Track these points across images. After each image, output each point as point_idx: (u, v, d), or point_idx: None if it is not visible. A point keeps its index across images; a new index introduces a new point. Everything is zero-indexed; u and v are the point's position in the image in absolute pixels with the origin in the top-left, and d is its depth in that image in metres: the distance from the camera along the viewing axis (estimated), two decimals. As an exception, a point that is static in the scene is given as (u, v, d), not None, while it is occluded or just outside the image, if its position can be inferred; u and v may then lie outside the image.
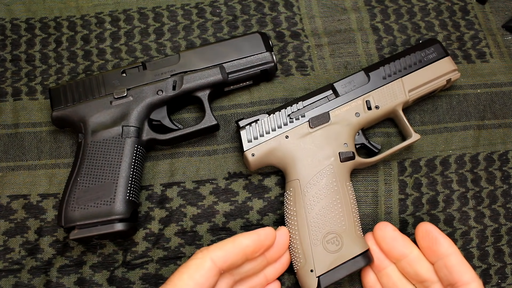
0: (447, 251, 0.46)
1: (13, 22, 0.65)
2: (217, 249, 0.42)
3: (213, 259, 0.42)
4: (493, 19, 0.65)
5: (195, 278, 0.40)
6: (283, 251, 0.48)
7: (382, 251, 0.50)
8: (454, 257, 0.45)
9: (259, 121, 0.55)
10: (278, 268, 0.49)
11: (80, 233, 0.50)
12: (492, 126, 0.60)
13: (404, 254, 0.48)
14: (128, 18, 0.65)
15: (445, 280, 0.46)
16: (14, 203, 0.56)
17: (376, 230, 0.50)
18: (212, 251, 0.42)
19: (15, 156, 0.58)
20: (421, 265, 0.47)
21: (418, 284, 0.48)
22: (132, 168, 0.53)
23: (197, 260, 0.42)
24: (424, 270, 0.47)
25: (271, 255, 0.47)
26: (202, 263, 0.41)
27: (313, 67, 0.62)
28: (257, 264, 0.47)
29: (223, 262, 0.42)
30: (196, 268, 0.41)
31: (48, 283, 0.53)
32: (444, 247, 0.46)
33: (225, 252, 0.42)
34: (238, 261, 0.43)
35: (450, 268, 0.45)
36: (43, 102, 0.61)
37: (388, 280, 0.49)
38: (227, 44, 0.58)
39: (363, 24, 0.65)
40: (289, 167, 0.53)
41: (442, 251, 0.46)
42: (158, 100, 0.56)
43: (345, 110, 0.55)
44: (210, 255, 0.42)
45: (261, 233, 0.44)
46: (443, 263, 0.46)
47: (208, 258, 0.41)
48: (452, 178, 0.58)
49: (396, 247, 0.48)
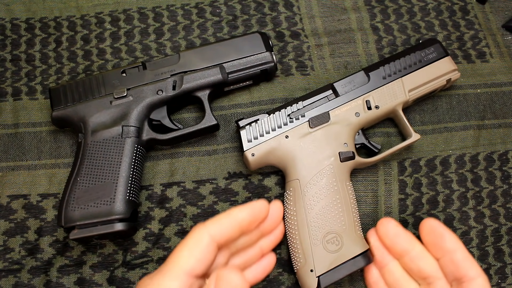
0: (453, 247, 0.46)
1: (13, 22, 0.65)
2: (213, 224, 0.42)
3: (211, 234, 0.41)
4: (493, 19, 0.65)
5: (194, 254, 0.40)
6: (277, 223, 0.47)
7: (385, 247, 0.50)
8: (460, 253, 0.45)
9: (259, 121, 0.55)
10: (273, 240, 0.49)
11: (80, 233, 0.50)
12: (492, 126, 0.60)
13: (407, 250, 0.48)
14: (128, 18, 0.65)
15: (450, 276, 0.46)
16: (14, 203, 0.56)
17: (379, 226, 0.50)
18: (209, 226, 0.41)
19: (15, 156, 0.58)
20: (425, 261, 0.47)
21: (421, 280, 0.48)
22: (132, 168, 0.53)
23: (194, 237, 0.41)
24: (428, 266, 0.47)
25: (265, 227, 0.47)
26: (201, 239, 0.41)
27: (313, 67, 0.62)
28: (252, 237, 0.47)
29: (220, 237, 0.41)
30: (194, 245, 0.40)
31: (48, 283, 0.53)
32: (450, 242, 0.46)
33: (222, 226, 0.42)
34: (234, 234, 0.43)
35: (456, 263, 0.45)
36: (43, 102, 0.61)
37: (390, 276, 0.49)
38: (227, 44, 0.58)
39: (363, 24, 0.65)
40: (289, 167, 0.53)
41: (448, 247, 0.46)
42: (158, 100, 0.56)
43: (345, 110, 0.55)
44: (208, 230, 0.41)
45: (255, 205, 0.44)
46: (449, 258, 0.46)
47: (206, 233, 0.41)
48: (452, 178, 0.58)
49: (399, 242, 0.48)
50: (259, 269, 0.49)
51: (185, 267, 0.39)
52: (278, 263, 0.54)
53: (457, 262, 0.45)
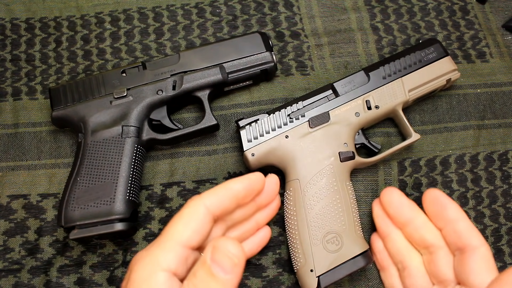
0: (455, 216, 0.46)
1: (13, 22, 0.65)
2: (209, 195, 0.41)
3: (207, 205, 0.41)
4: (493, 19, 0.65)
5: (190, 226, 0.39)
6: (273, 196, 0.48)
7: (388, 217, 0.50)
8: (463, 222, 0.46)
9: (259, 121, 0.55)
10: (269, 213, 0.49)
11: (80, 233, 0.50)
12: (492, 126, 0.60)
13: (411, 219, 0.48)
14: (128, 18, 0.65)
15: (453, 245, 0.46)
16: (14, 203, 0.56)
17: (383, 195, 0.50)
18: (205, 197, 0.41)
19: (15, 156, 0.58)
20: (428, 230, 0.47)
21: (423, 249, 0.48)
22: (132, 168, 0.53)
23: (190, 208, 0.40)
24: (431, 235, 0.47)
25: (261, 200, 0.47)
26: (196, 211, 0.40)
27: (313, 67, 0.62)
28: (248, 210, 0.46)
29: (216, 208, 0.41)
30: (190, 216, 0.40)
31: (48, 283, 0.53)
32: (453, 212, 0.46)
33: (218, 198, 0.41)
34: (230, 206, 0.43)
35: (458, 232, 0.45)
36: (43, 102, 0.61)
37: (393, 245, 0.49)
38: (227, 44, 0.58)
39: (363, 24, 0.65)
40: (289, 167, 0.53)
41: (451, 217, 0.46)
42: (158, 100, 0.56)
43: (345, 110, 0.55)
44: (203, 201, 0.41)
45: (251, 177, 0.44)
46: (452, 228, 0.46)
47: (202, 205, 0.40)
48: (452, 178, 0.58)
49: (403, 212, 0.48)
50: (254, 242, 0.50)
51: (180, 238, 0.39)
52: (278, 263, 0.54)
53: (459, 231, 0.45)
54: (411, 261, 0.49)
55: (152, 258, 0.38)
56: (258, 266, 0.54)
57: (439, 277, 0.47)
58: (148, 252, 0.38)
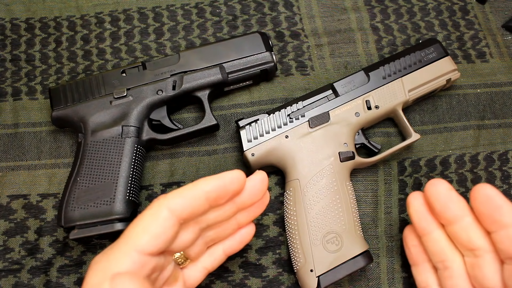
0: (511, 222, 0.39)
1: (13, 22, 0.65)
2: (175, 196, 0.38)
3: (171, 207, 0.37)
4: (493, 19, 0.65)
5: (150, 230, 0.37)
6: (258, 196, 0.42)
7: (431, 212, 0.44)
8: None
9: (259, 121, 0.55)
10: (253, 213, 0.44)
11: (80, 233, 0.50)
12: (492, 126, 0.60)
13: (459, 217, 0.42)
14: (128, 18, 0.65)
15: (505, 253, 0.40)
16: (14, 203, 0.56)
17: (429, 187, 0.44)
18: (170, 198, 0.38)
19: (15, 156, 0.58)
20: (476, 232, 0.42)
21: (467, 251, 0.43)
22: (132, 168, 0.53)
23: (152, 210, 0.37)
24: (479, 237, 0.41)
25: (242, 200, 0.42)
26: (158, 213, 0.37)
27: (313, 67, 0.62)
28: (226, 211, 0.42)
29: (183, 211, 0.38)
30: (151, 219, 0.37)
31: (48, 283, 0.53)
32: (509, 216, 0.40)
33: (184, 199, 0.38)
34: (200, 208, 0.39)
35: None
36: (43, 102, 0.61)
37: (434, 244, 0.44)
38: (227, 44, 0.58)
39: (363, 24, 0.65)
40: (289, 167, 0.53)
41: (506, 221, 0.40)
42: (158, 100, 0.56)
43: (345, 110, 0.55)
44: (167, 203, 0.37)
45: (226, 176, 0.39)
46: (506, 234, 0.40)
47: (164, 207, 0.37)
48: (452, 178, 0.58)
49: (451, 208, 0.42)
50: (235, 240, 0.46)
51: (137, 243, 0.36)
52: (278, 263, 0.54)
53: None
54: (453, 262, 0.43)
55: (106, 264, 0.36)
56: (258, 266, 0.54)
57: (483, 284, 0.41)
58: (104, 256, 0.37)
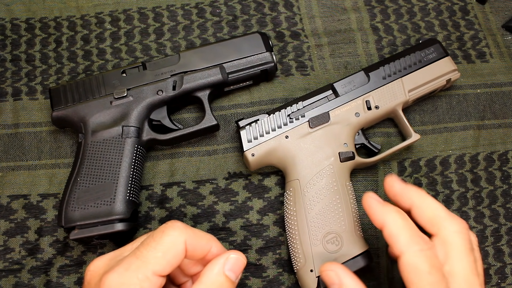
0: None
1: (13, 22, 0.65)
2: (191, 235, 0.39)
3: (187, 242, 0.38)
4: (493, 19, 0.65)
5: (167, 258, 0.37)
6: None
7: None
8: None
9: (259, 121, 0.55)
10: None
11: (80, 233, 0.50)
12: (492, 126, 0.60)
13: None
14: (128, 18, 0.65)
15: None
16: (14, 203, 0.56)
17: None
18: (187, 233, 0.39)
19: (15, 156, 0.59)
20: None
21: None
22: (132, 168, 0.53)
23: (172, 238, 0.38)
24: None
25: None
26: (177, 245, 0.38)
27: (313, 67, 0.62)
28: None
29: (191, 250, 0.39)
30: (170, 247, 0.38)
31: (48, 283, 0.53)
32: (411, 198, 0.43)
33: (196, 243, 0.39)
34: (198, 256, 0.41)
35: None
36: (43, 102, 0.61)
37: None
38: (227, 44, 0.58)
39: (363, 24, 0.65)
40: (289, 167, 0.53)
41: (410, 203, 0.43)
42: (158, 100, 0.56)
43: (345, 110, 0.55)
44: (186, 237, 0.38)
45: (231, 257, 0.40)
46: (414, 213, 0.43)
47: (183, 240, 0.38)
48: (452, 178, 0.58)
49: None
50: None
51: (156, 268, 0.37)
52: (278, 263, 0.54)
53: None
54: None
55: (125, 287, 0.36)
56: (258, 266, 0.54)
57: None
58: (120, 278, 0.37)
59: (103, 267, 0.40)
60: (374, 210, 0.42)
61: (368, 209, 0.43)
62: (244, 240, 0.55)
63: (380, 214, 0.42)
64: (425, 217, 0.42)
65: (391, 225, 0.41)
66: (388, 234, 0.41)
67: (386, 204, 0.43)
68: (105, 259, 0.41)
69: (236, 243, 0.55)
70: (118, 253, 0.41)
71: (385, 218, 0.41)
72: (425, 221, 0.42)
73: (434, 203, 0.42)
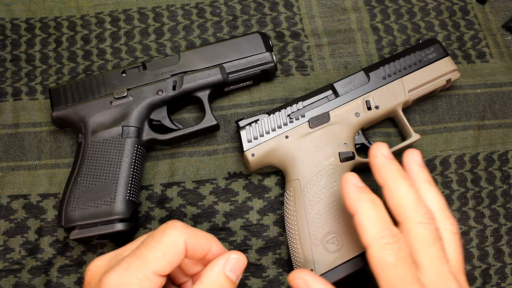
0: None
1: (13, 22, 0.65)
2: (192, 234, 0.39)
3: (187, 242, 0.39)
4: (493, 19, 0.65)
5: (168, 257, 0.37)
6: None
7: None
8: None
9: (259, 121, 0.55)
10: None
11: (80, 233, 0.50)
12: (492, 126, 0.60)
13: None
14: (128, 18, 0.65)
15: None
16: (14, 203, 0.56)
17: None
18: (187, 233, 0.39)
19: (15, 156, 0.59)
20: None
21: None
22: (132, 168, 0.53)
23: (172, 238, 0.38)
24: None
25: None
26: (177, 245, 0.38)
27: (313, 67, 0.62)
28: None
29: (191, 250, 0.39)
30: (170, 247, 0.38)
31: (48, 283, 0.53)
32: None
33: (196, 242, 0.39)
34: (198, 255, 0.41)
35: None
36: (43, 102, 0.61)
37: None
38: (227, 44, 0.58)
39: (363, 24, 0.65)
40: (289, 167, 0.53)
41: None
42: (158, 100, 0.56)
43: (345, 110, 0.55)
44: (186, 237, 0.38)
45: (231, 257, 0.40)
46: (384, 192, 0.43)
47: (183, 240, 0.38)
48: (452, 178, 0.58)
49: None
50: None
51: (157, 268, 0.37)
52: (278, 263, 0.54)
53: None
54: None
55: (126, 286, 0.36)
56: (258, 266, 0.54)
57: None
58: (120, 277, 0.37)
59: (103, 266, 0.40)
60: (348, 195, 0.43)
61: (343, 192, 0.43)
62: (244, 240, 0.55)
63: (353, 201, 0.42)
64: (392, 203, 0.42)
65: (361, 216, 0.41)
66: (357, 224, 0.41)
67: (361, 190, 0.42)
68: (105, 259, 0.41)
69: (236, 243, 0.55)
70: (118, 253, 0.41)
71: (357, 206, 0.41)
72: (391, 207, 0.42)
73: (403, 191, 0.42)
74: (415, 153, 0.46)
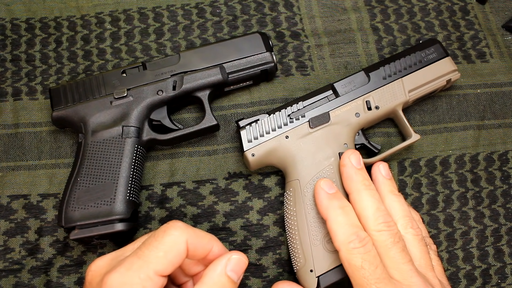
0: None
1: (13, 22, 0.65)
2: (193, 235, 0.39)
3: (188, 242, 0.39)
4: (493, 19, 0.65)
5: (169, 257, 0.38)
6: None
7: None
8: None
9: (259, 121, 0.55)
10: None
11: (80, 233, 0.50)
12: (492, 126, 0.60)
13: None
14: (128, 18, 0.65)
15: None
16: (14, 203, 0.56)
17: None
18: (188, 233, 0.39)
19: (15, 156, 0.59)
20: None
21: None
22: (132, 168, 0.53)
23: (173, 238, 0.38)
24: None
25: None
26: (178, 245, 0.38)
27: (313, 67, 0.62)
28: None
29: (192, 250, 0.39)
30: (171, 247, 0.38)
31: (48, 283, 0.53)
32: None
33: (197, 242, 0.39)
34: (200, 255, 0.41)
35: None
36: (43, 102, 0.61)
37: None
38: (227, 44, 0.58)
39: (363, 24, 0.65)
40: (289, 167, 0.53)
41: None
42: (158, 100, 0.56)
43: (345, 110, 0.55)
44: (187, 237, 0.39)
45: (233, 257, 0.40)
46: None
47: (185, 240, 0.38)
48: (452, 178, 0.58)
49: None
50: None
51: (158, 268, 0.37)
52: (278, 263, 0.54)
53: None
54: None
55: (127, 286, 0.36)
56: (259, 266, 0.54)
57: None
58: (121, 277, 0.37)
59: (104, 267, 0.40)
60: (320, 203, 0.47)
61: (316, 198, 0.48)
62: (244, 240, 0.55)
63: (324, 208, 0.47)
64: (356, 211, 0.47)
65: (331, 222, 0.46)
66: (329, 228, 0.46)
67: (332, 197, 0.47)
68: (106, 259, 0.41)
69: (236, 243, 0.55)
70: (119, 253, 0.41)
71: (328, 213, 0.46)
72: (356, 215, 0.47)
73: (365, 201, 0.47)
74: (381, 165, 0.51)
